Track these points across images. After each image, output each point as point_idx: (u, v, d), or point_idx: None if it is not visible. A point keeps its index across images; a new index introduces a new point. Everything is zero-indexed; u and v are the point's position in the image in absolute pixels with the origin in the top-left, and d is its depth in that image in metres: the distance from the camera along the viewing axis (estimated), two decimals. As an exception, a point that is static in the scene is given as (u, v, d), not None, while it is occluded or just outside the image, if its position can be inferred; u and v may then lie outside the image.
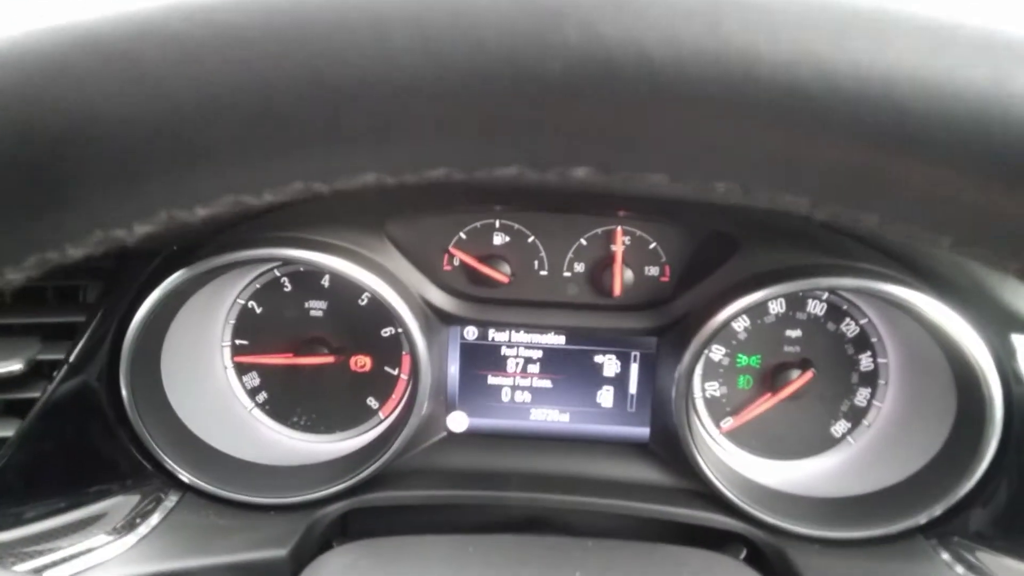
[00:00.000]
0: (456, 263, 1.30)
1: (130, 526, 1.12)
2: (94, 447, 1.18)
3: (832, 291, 1.25)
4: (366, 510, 1.23)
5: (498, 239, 1.29)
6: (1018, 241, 0.35)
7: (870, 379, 1.30)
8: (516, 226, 1.29)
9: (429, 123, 0.33)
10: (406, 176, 0.36)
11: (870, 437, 1.31)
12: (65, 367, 1.12)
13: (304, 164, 0.35)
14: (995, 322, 1.08)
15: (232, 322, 1.32)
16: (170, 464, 1.18)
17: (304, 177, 0.36)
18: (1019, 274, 0.37)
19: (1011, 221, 0.34)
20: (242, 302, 1.32)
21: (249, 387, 1.35)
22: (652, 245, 1.28)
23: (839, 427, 1.32)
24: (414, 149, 0.34)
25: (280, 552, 1.11)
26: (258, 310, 1.32)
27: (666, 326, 1.27)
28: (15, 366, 1.08)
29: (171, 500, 1.19)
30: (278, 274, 1.31)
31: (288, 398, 1.35)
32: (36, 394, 1.11)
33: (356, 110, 0.32)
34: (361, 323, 1.32)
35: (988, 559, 1.11)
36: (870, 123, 0.32)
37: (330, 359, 1.31)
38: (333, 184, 0.36)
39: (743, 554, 1.21)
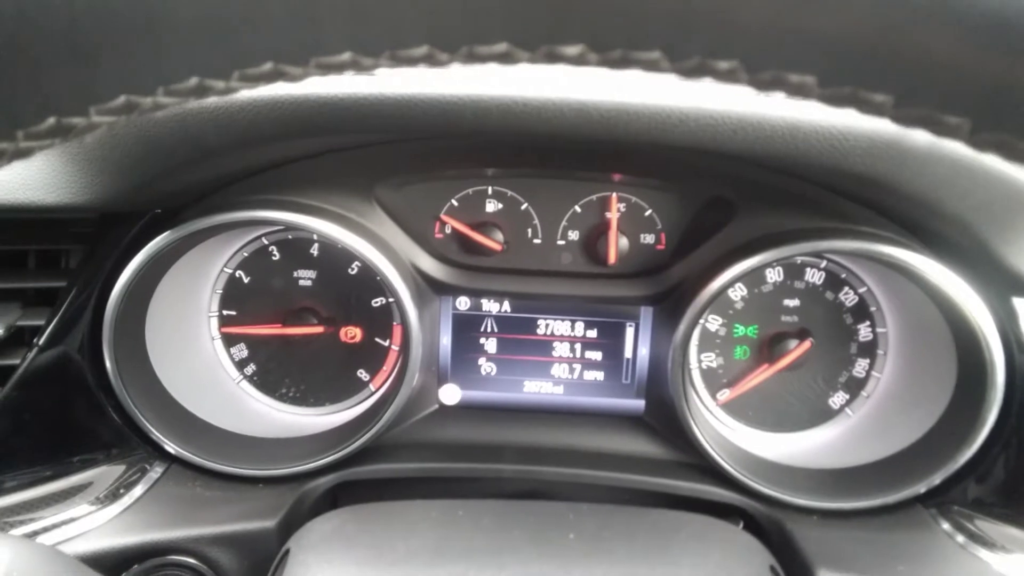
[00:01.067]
0: (448, 231, 1.27)
1: (113, 496, 1.09)
2: (77, 416, 1.15)
3: (830, 256, 1.23)
4: (357, 483, 1.21)
5: (491, 206, 1.27)
6: None
7: (869, 349, 1.28)
8: (509, 193, 1.26)
9: None
10: (384, 58, 0.34)
11: (869, 408, 1.29)
12: (45, 334, 1.09)
13: (274, 38, 0.32)
14: (997, 285, 1.06)
15: (219, 291, 1.30)
16: (156, 435, 1.16)
17: (275, 56, 0.33)
18: None
19: None
20: (229, 271, 1.29)
21: (237, 358, 1.32)
22: (648, 212, 1.26)
23: (837, 398, 1.30)
24: (392, 19, 0.32)
25: (268, 523, 1.09)
26: (246, 279, 1.29)
27: (662, 294, 1.24)
28: (-6, 332, 1.06)
29: (156, 471, 1.16)
30: (266, 242, 1.28)
31: (277, 369, 1.33)
32: (16, 361, 1.08)
33: None
34: (351, 293, 1.29)
35: (988, 527, 1.09)
36: None
37: (319, 330, 1.28)
38: (306, 65, 0.34)
39: (740, 525, 1.19)
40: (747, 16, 0.30)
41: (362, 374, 1.33)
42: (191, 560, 1.05)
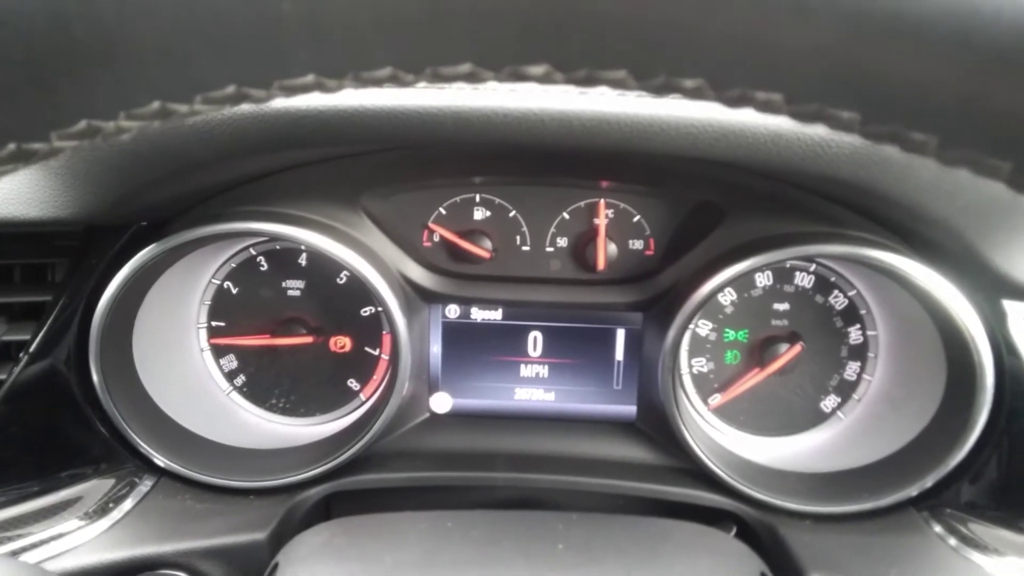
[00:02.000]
0: (436, 239, 1.27)
1: (103, 511, 1.08)
2: (65, 430, 1.15)
3: (820, 260, 1.23)
4: (349, 494, 1.20)
5: (479, 214, 1.26)
6: (1009, 137, 0.32)
7: (860, 352, 1.28)
8: (497, 200, 1.26)
9: (369, 9, 0.30)
10: (348, 79, 0.33)
11: (860, 411, 1.29)
12: (31, 348, 1.08)
13: (236, 62, 0.32)
14: (985, 287, 1.05)
15: (207, 303, 1.29)
16: (144, 448, 1.15)
17: (238, 80, 0.33)
18: (1013, 179, 0.34)
19: (1001, 115, 0.31)
20: (217, 282, 1.28)
21: (226, 370, 1.32)
22: (636, 218, 1.25)
23: (829, 402, 1.30)
24: (355, 41, 0.31)
25: (259, 536, 1.08)
26: (234, 290, 1.29)
27: (652, 300, 1.24)
28: (-20, 347, 1.05)
29: (146, 484, 1.16)
30: (254, 252, 1.28)
31: (267, 380, 1.32)
32: (2, 376, 1.08)
33: None
34: (340, 302, 1.29)
35: (981, 530, 1.09)
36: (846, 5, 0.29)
37: (308, 340, 1.28)
38: (270, 88, 0.33)
39: (733, 531, 1.19)
40: (710, 35, 0.30)
41: (352, 383, 1.33)
42: (181, 574, 1.04)
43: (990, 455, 1.11)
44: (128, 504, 1.11)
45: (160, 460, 1.16)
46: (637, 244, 1.26)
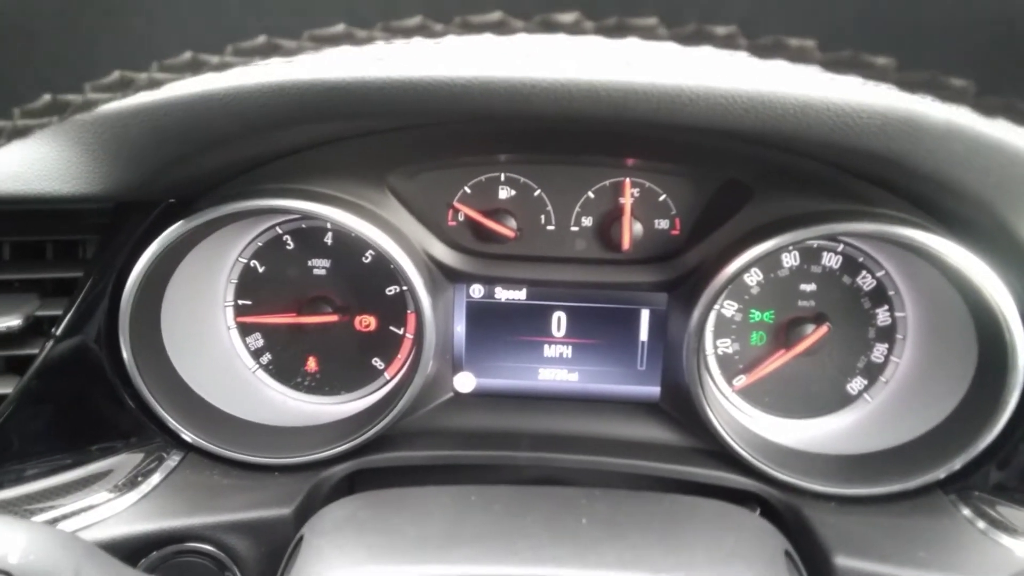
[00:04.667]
0: (461, 218, 1.27)
1: (132, 484, 1.10)
2: (95, 405, 1.17)
3: (846, 240, 1.22)
4: (373, 471, 1.21)
5: (503, 193, 1.26)
6: None
7: (888, 334, 1.26)
8: (522, 179, 1.26)
9: None
10: (378, 29, 0.33)
11: (888, 393, 1.27)
12: (63, 324, 1.10)
13: (266, 10, 0.32)
14: (1017, 266, 1.04)
15: (234, 281, 1.30)
16: (173, 423, 1.16)
17: (267, 29, 0.33)
18: None
19: None
20: (244, 261, 1.30)
21: (253, 348, 1.33)
22: (662, 197, 1.25)
23: (855, 384, 1.29)
24: None
25: (284, 511, 1.09)
26: (260, 269, 1.30)
27: (677, 280, 1.23)
28: (13, 322, 1.07)
29: (173, 459, 1.17)
30: (280, 231, 1.28)
31: (292, 358, 1.33)
32: (35, 351, 1.10)
33: None
34: (365, 281, 1.30)
35: (1009, 513, 1.07)
36: None
37: (334, 318, 1.29)
38: (300, 38, 0.33)
39: (757, 511, 1.19)
40: None
41: (377, 362, 1.33)
42: (208, 547, 1.06)
43: (1020, 438, 1.10)
44: (156, 478, 1.12)
45: (187, 435, 1.17)
46: (663, 224, 1.26)
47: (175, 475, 1.14)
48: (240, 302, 1.31)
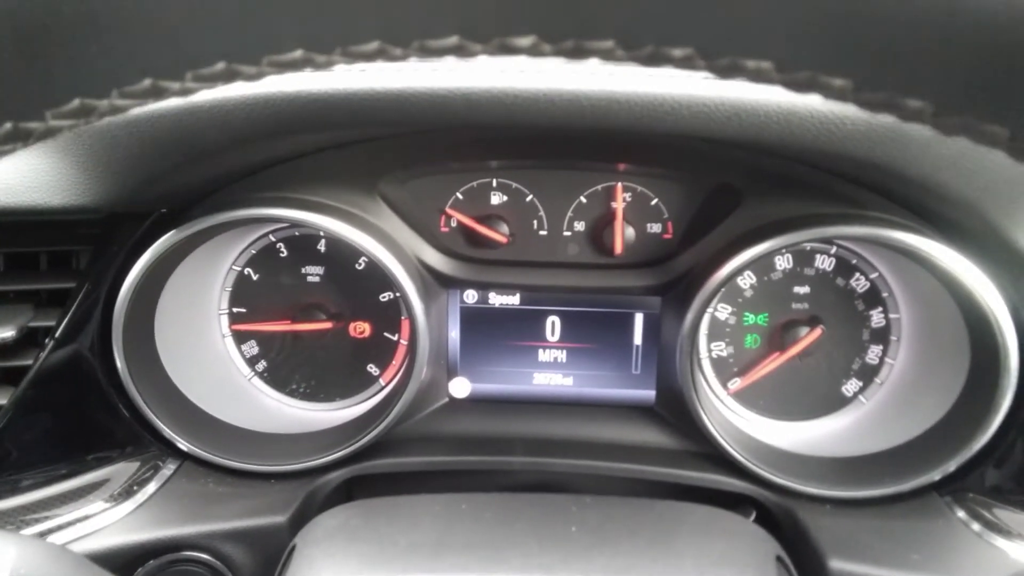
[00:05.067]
0: (453, 224, 1.27)
1: (127, 493, 1.10)
2: (90, 414, 1.17)
3: (839, 243, 1.22)
4: (369, 478, 1.21)
5: (496, 199, 1.26)
6: (1006, 102, 0.31)
7: (882, 336, 1.26)
8: (514, 185, 1.26)
9: None
10: (336, 55, 0.33)
11: (882, 395, 1.27)
12: (56, 334, 1.10)
13: (225, 38, 0.32)
14: (1007, 269, 1.03)
15: (228, 289, 1.31)
16: (167, 432, 1.17)
17: (226, 55, 0.33)
18: (1012, 146, 0.34)
19: (996, 79, 0.31)
20: (238, 269, 1.30)
21: (248, 355, 1.33)
22: (654, 201, 1.25)
23: (850, 386, 1.29)
24: (341, 15, 0.31)
25: (279, 519, 1.10)
26: (254, 277, 1.30)
27: (670, 283, 1.23)
28: (7, 333, 1.08)
29: (169, 468, 1.18)
30: (273, 239, 1.29)
31: (287, 366, 1.34)
32: (29, 362, 1.10)
33: None
34: (359, 288, 1.30)
35: (1005, 515, 1.07)
36: None
37: (328, 325, 1.29)
38: (259, 64, 0.33)
39: (752, 516, 1.18)
40: (695, 2, 0.30)
41: (372, 369, 1.34)
42: (204, 556, 1.06)
43: (1014, 439, 1.09)
44: (152, 487, 1.13)
45: (183, 444, 1.18)
46: (655, 227, 1.26)
47: (171, 484, 1.14)
48: (234, 310, 1.32)
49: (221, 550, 1.06)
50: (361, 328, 1.32)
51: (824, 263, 1.24)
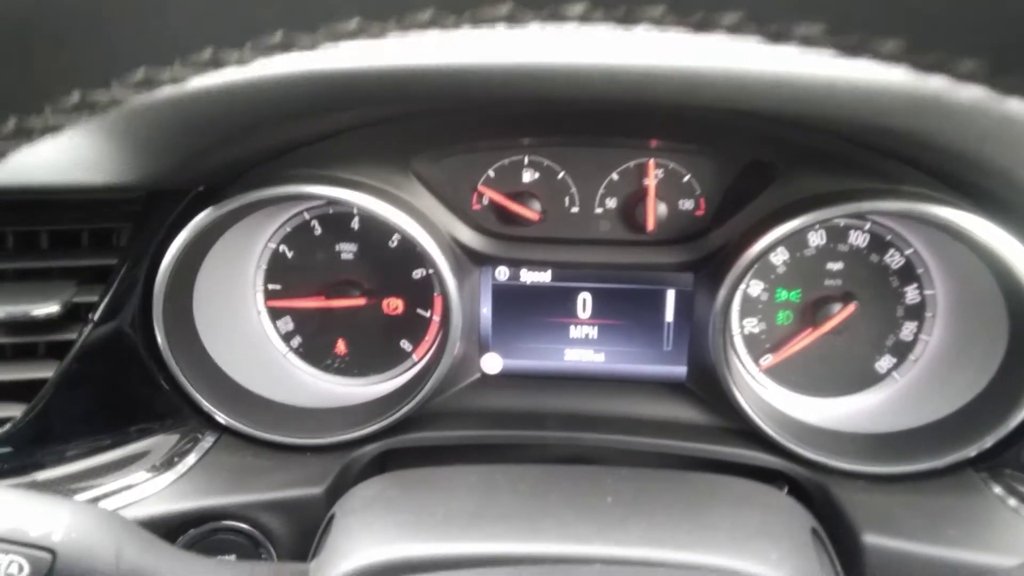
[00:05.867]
0: (485, 201, 1.28)
1: (169, 464, 1.13)
2: (132, 388, 1.20)
3: (874, 218, 1.21)
4: (403, 452, 1.23)
5: (527, 176, 1.27)
6: None
7: (917, 312, 1.25)
8: (546, 162, 1.26)
9: None
10: (391, 21, 0.34)
11: (917, 371, 1.27)
12: (99, 310, 1.13)
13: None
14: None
15: (264, 267, 1.33)
16: (207, 405, 1.19)
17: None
18: None
19: None
20: (273, 246, 1.32)
21: (283, 331, 1.36)
22: (686, 177, 1.24)
23: (884, 362, 1.28)
24: None
25: (316, 490, 1.12)
26: (289, 254, 1.32)
27: (702, 260, 1.23)
28: (52, 308, 1.10)
29: (208, 440, 1.20)
30: (307, 217, 1.30)
31: (322, 341, 1.36)
32: (73, 336, 1.13)
33: None
34: (392, 265, 1.31)
35: None
36: None
37: (362, 302, 1.31)
38: (316, 34, 0.34)
39: (785, 490, 1.19)
40: None
41: (405, 344, 1.35)
42: (243, 525, 1.09)
43: None
44: (192, 458, 1.15)
45: (221, 417, 1.20)
46: (687, 204, 1.25)
47: (210, 456, 1.17)
48: (270, 286, 1.33)
49: (259, 520, 1.09)
50: (394, 304, 1.33)
51: (858, 239, 1.24)
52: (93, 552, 0.71)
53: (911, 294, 1.25)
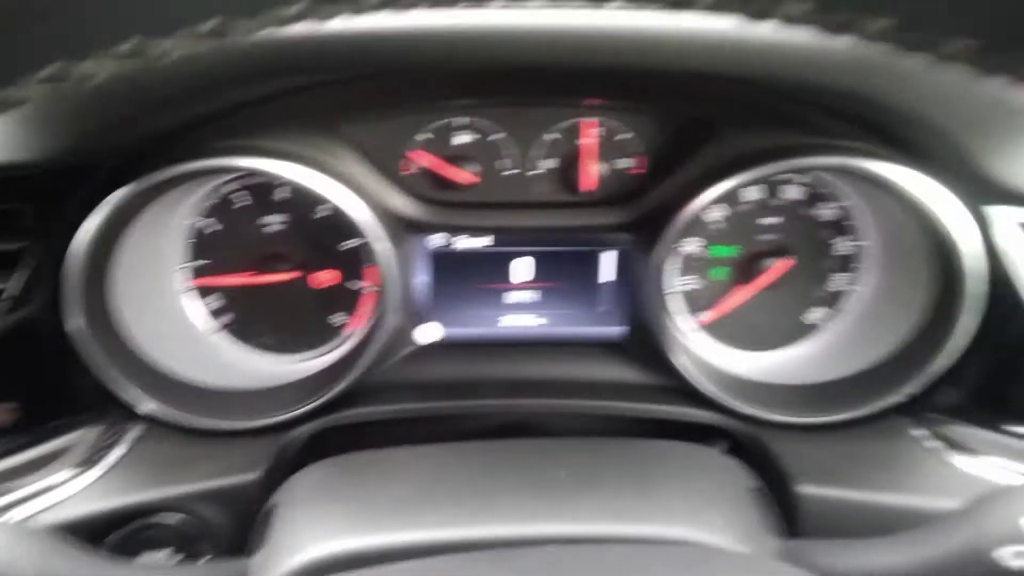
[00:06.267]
0: (419, 166, 1.23)
1: (91, 461, 1.07)
2: (48, 380, 1.12)
3: (810, 172, 1.21)
4: (341, 430, 1.19)
5: (461, 138, 1.22)
6: None
7: (848, 264, 1.28)
8: (480, 122, 1.22)
9: None
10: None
11: (848, 322, 1.30)
12: (6, 296, 1.05)
13: None
14: (974, 194, 1.05)
15: (187, 242, 1.25)
16: (130, 394, 1.13)
17: None
18: None
19: None
20: (195, 221, 1.24)
21: (211, 308, 1.29)
22: (625, 136, 1.22)
23: (816, 314, 1.31)
24: None
25: (251, 476, 1.08)
26: (213, 229, 1.25)
27: (640, 220, 1.22)
28: (-48, 298, 1.01)
29: (133, 432, 1.14)
30: (231, 188, 1.23)
31: (252, 319, 1.30)
32: (-22, 327, 1.04)
33: None
34: (322, 236, 1.26)
35: (963, 432, 1.12)
36: None
37: (292, 275, 1.25)
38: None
39: (724, 447, 1.21)
40: None
41: (339, 317, 1.31)
42: (176, 518, 1.04)
43: (973, 361, 1.13)
44: (117, 452, 1.09)
45: (146, 405, 1.14)
46: (626, 163, 1.23)
47: (137, 448, 1.11)
48: (194, 264, 1.26)
49: (194, 512, 1.04)
50: (326, 277, 1.28)
51: (794, 193, 1.24)
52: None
53: (844, 246, 1.27)
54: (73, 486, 1.02)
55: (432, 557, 0.71)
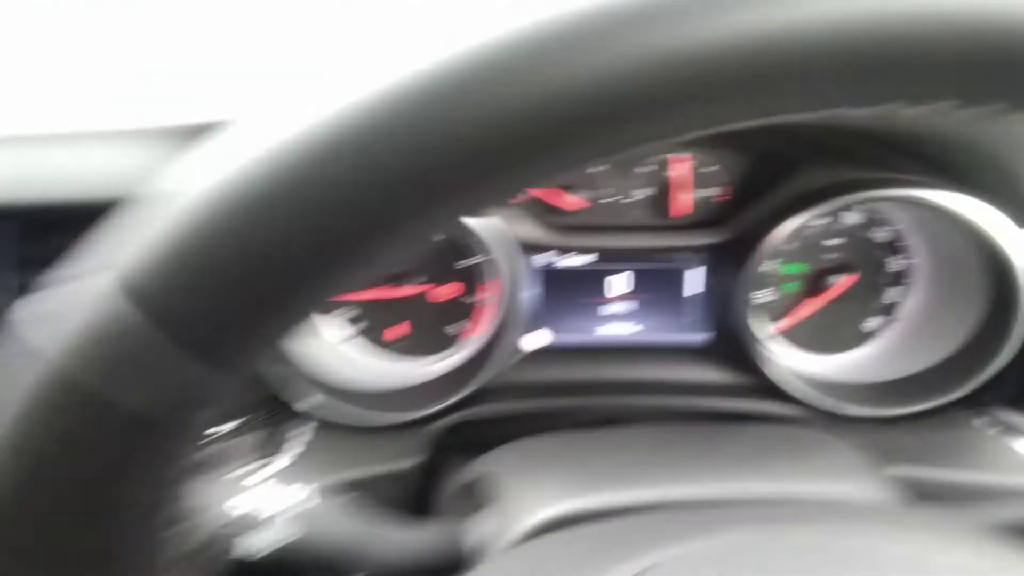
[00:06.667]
0: (528, 195, 1.40)
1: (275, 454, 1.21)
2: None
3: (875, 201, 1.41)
4: (471, 424, 1.36)
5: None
6: None
7: (901, 278, 1.47)
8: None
9: None
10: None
11: (902, 330, 1.48)
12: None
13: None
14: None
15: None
16: (288, 397, 1.27)
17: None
18: None
19: None
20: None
21: (346, 318, 1.45)
22: (712, 168, 1.41)
23: (873, 322, 1.50)
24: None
25: (409, 463, 1.23)
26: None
27: (726, 242, 1.40)
28: None
29: (299, 431, 1.28)
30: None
31: (380, 328, 1.46)
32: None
33: None
34: (444, 253, 1.42)
35: (1019, 420, 1.30)
36: None
37: (418, 289, 1.41)
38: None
39: None
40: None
41: (455, 327, 1.47)
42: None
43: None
44: (296, 448, 1.24)
45: (302, 408, 1.28)
46: (712, 192, 1.42)
47: (311, 444, 1.26)
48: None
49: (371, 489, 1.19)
50: (447, 291, 1.45)
51: (854, 219, 1.44)
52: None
53: (897, 263, 1.46)
54: (273, 468, 1.16)
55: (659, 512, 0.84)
